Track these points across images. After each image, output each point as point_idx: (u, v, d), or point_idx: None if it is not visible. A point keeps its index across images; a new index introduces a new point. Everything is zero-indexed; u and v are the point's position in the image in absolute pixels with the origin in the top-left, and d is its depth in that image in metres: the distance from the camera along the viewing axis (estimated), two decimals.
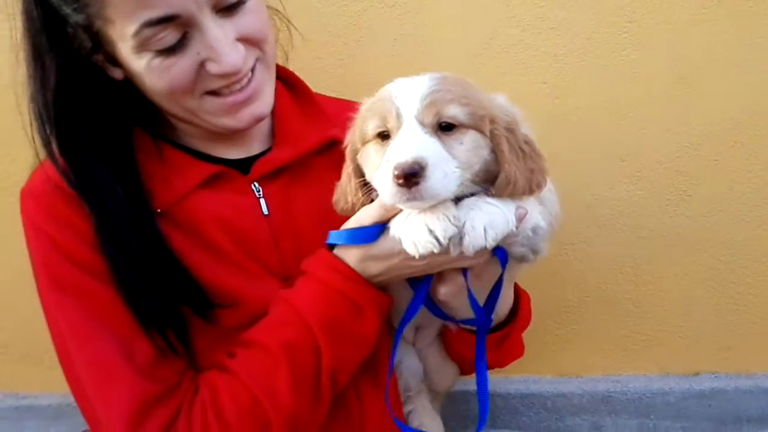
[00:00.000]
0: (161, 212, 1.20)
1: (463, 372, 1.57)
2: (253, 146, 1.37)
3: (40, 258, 1.17)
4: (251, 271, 1.24)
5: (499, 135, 1.09)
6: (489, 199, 1.09)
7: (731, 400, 1.86)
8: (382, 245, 1.13)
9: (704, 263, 1.85)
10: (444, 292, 1.24)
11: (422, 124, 1.04)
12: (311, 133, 1.39)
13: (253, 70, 1.21)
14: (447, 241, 1.02)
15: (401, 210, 1.09)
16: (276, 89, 1.35)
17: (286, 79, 1.46)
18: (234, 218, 1.26)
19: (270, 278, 1.26)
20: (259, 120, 1.26)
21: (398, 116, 1.06)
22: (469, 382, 1.97)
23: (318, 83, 1.74)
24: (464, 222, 1.05)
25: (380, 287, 1.21)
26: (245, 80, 1.20)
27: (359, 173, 1.19)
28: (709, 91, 1.74)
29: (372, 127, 1.11)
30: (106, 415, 1.11)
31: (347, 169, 1.23)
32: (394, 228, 1.09)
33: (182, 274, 1.18)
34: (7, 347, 1.97)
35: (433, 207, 1.05)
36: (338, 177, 1.35)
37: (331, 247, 1.22)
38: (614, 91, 1.76)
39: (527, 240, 1.17)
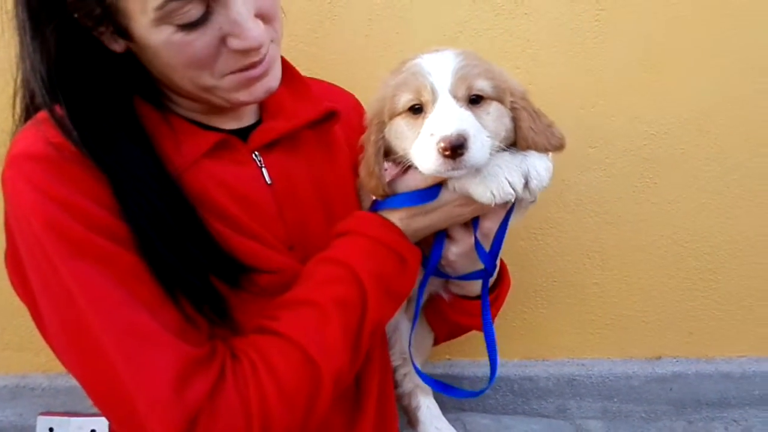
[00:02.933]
0: (177, 173, 1.15)
1: (437, 341, 1.68)
2: (245, 118, 1.36)
3: (47, 225, 1.04)
4: (264, 239, 1.23)
5: (518, 105, 1.20)
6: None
7: (691, 384, 1.90)
8: (441, 198, 1.22)
9: (668, 249, 1.89)
10: (455, 251, 1.31)
11: (456, 97, 1.13)
12: (302, 107, 1.39)
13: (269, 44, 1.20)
14: (522, 191, 1.15)
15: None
16: None
17: None
18: (241, 187, 1.24)
19: (280, 246, 1.26)
20: (270, 93, 1.25)
21: (433, 90, 1.13)
22: (429, 367, 2.00)
23: (292, 61, 1.74)
24: (528, 169, 1.16)
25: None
26: (261, 56, 1.18)
27: (383, 146, 1.24)
28: (677, 80, 1.78)
29: (404, 101, 1.17)
30: (145, 386, 1.02)
31: (371, 143, 1.25)
32: (461, 181, 1.18)
33: (211, 238, 1.14)
34: None
35: (501, 158, 1.17)
36: (328, 151, 1.37)
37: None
38: (585, 78, 1.79)
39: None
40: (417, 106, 1.16)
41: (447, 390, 1.45)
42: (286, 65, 1.46)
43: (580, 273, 1.92)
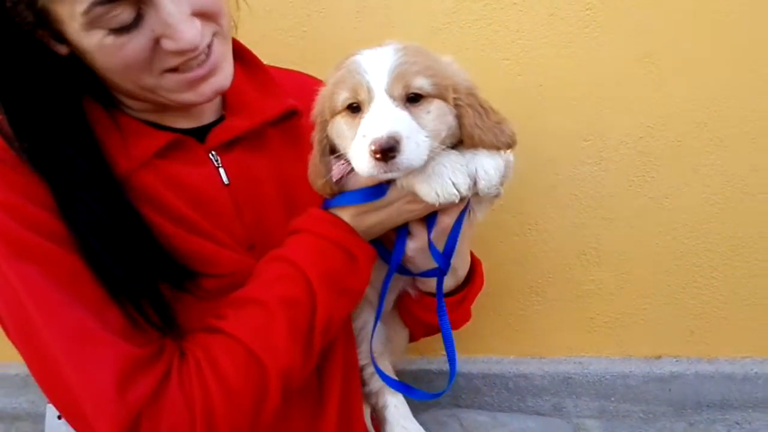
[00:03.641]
0: (124, 175, 1.16)
1: (413, 337, 1.64)
2: (204, 116, 1.36)
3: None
4: (219, 239, 1.23)
5: (462, 102, 1.15)
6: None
7: (691, 385, 1.85)
8: (388, 197, 1.20)
9: (666, 245, 1.83)
10: (412, 247, 1.29)
11: (392, 96, 1.09)
12: (266, 103, 1.38)
13: (210, 44, 1.19)
14: (467, 191, 1.13)
15: None
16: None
17: (235, 50, 1.43)
18: (195, 187, 1.24)
19: (237, 246, 1.26)
20: (220, 93, 1.25)
21: (368, 89, 1.10)
22: (431, 361, 1.99)
23: (280, 55, 1.74)
24: (475, 168, 1.14)
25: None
26: (203, 56, 1.17)
27: (329, 145, 1.22)
28: (673, 71, 1.72)
29: (342, 100, 1.14)
30: (88, 386, 1.03)
31: (316, 141, 1.24)
32: (407, 179, 1.15)
33: (155, 241, 1.14)
34: None
35: (447, 157, 1.14)
36: (294, 148, 1.36)
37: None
38: (577, 69, 1.75)
39: (505, 176, 1.25)
40: (355, 105, 1.13)
41: (407, 391, 1.44)
42: (251, 58, 1.46)
43: (576, 269, 1.88)
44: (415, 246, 1.29)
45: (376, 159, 1.04)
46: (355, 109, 1.13)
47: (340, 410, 1.35)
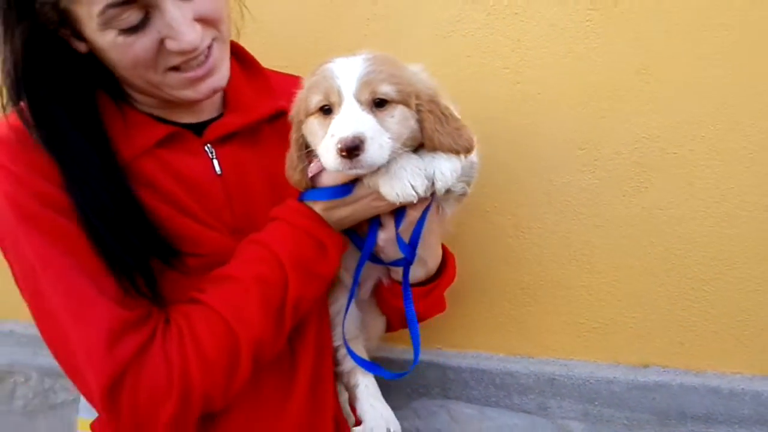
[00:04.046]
0: (122, 166, 1.32)
1: (392, 326, 1.74)
2: (204, 113, 1.51)
3: (7, 197, 1.24)
4: (208, 223, 1.38)
5: (423, 108, 1.26)
6: None
7: (675, 396, 1.85)
8: (356, 194, 1.33)
9: (658, 256, 1.84)
10: (383, 237, 1.43)
11: (359, 101, 1.21)
12: (261, 103, 1.54)
13: (210, 47, 1.34)
14: (424, 192, 1.24)
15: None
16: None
17: (237, 53, 1.60)
18: (190, 175, 1.39)
19: (223, 229, 1.41)
20: (216, 92, 1.40)
21: (339, 93, 1.22)
22: (425, 352, 2.07)
23: (293, 60, 1.87)
24: (433, 171, 1.26)
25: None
26: (202, 57, 1.32)
27: (304, 142, 1.35)
28: (670, 83, 1.74)
29: (315, 102, 1.27)
30: (82, 341, 1.20)
31: (293, 139, 1.38)
32: (372, 179, 1.28)
33: (148, 222, 1.30)
34: None
35: (407, 160, 1.26)
36: (285, 145, 1.49)
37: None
38: (575, 79, 1.79)
39: (465, 176, 1.39)
40: (326, 107, 1.25)
41: (375, 370, 1.55)
42: (251, 61, 1.60)
43: (568, 274, 1.92)
44: (386, 237, 1.42)
45: (342, 156, 1.16)
46: (326, 111, 1.26)
47: (311, 385, 1.48)
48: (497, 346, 2.04)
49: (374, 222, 1.41)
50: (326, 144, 1.21)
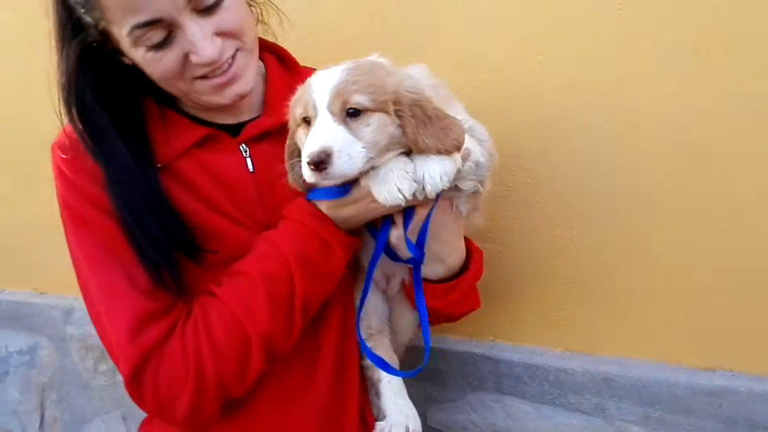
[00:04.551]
0: (162, 167, 1.43)
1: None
2: (244, 114, 1.58)
3: (63, 197, 1.42)
4: (238, 219, 1.45)
5: (403, 114, 1.25)
6: None
7: (744, 402, 1.69)
8: (354, 194, 1.34)
9: (728, 250, 1.67)
10: (395, 235, 1.42)
11: (332, 113, 1.24)
12: None
13: (234, 56, 1.41)
14: (411, 195, 1.24)
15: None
16: (270, 64, 1.60)
17: (280, 56, 1.68)
18: (224, 174, 1.48)
19: (254, 226, 1.47)
20: (241, 97, 1.47)
21: (314, 106, 1.26)
22: (478, 344, 2.03)
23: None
24: (422, 174, 1.24)
25: (350, 231, 1.42)
26: (226, 65, 1.39)
27: (297, 149, 1.40)
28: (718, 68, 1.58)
29: (298, 114, 1.32)
30: (113, 328, 1.35)
31: (287, 146, 1.43)
32: (366, 181, 1.30)
33: (174, 220, 1.39)
34: None
35: (396, 163, 1.27)
36: None
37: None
38: (623, 63, 1.68)
39: (474, 174, 1.37)
40: (307, 119, 1.28)
41: (384, 367, 1.53)
42: (292, 64, 1.67)
43: (626, 267, 1.80)
44: (397, 235, 1.41)
45: (311, 170, 1.20)
46: (308, 122, 1.29)
47: (334, 378, 1.51)
48: (552, 341, 1.96)
49: (387, 220, 1.41)
50: (303, 156, 1.25)
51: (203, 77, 1.39)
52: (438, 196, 1.31)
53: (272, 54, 1.65)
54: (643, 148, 1.70)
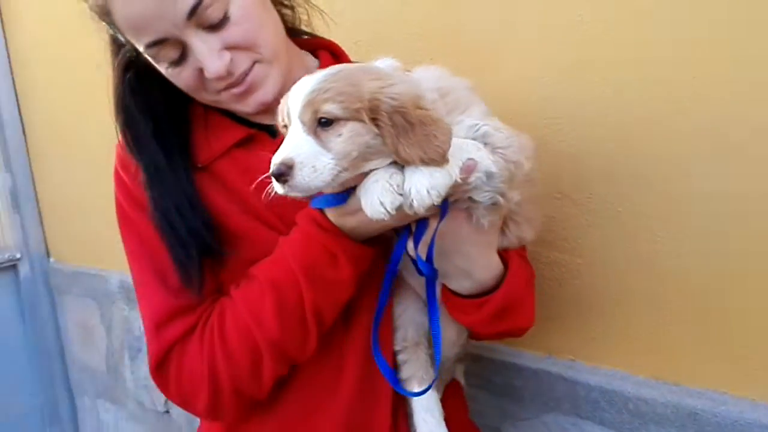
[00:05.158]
0: (202, 167, 1.48)
1: (473, 335, 1.60)
2: None
3: (116, 193, 1.53)
4: (269, 221, 1.46)
5: (382, 122, 1.16)
6: None
7: None
8: (351, 204, 1.28)
9: None
10: (410, 247, 1.35)
11: (303, 122, 1.19)
12: None
13: (252, 68, 1.41)
14: (395, 210, 1.16)
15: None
16: (324, 62, 1.60)
17: (334, 52, 1.67)
18: (260, 174, 1.49)
19: (285, 229, 1.45)
20: (264, 105, 1.46)
21: (289, 115, 1.22)
22: (549, 363, 1.91)
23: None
24: (409, 188, 1.16)
25: (362, 240, 1.36)
26: (240, 77, 1.40)
27: None
28: None
29: (280, 122, 1.28)
30: (144, 320, 1.47)
31: None
32: (359, 190, 1.24)
33: (202, 222, 1.43)
34: None
35: (382, 174, 1.19)
36: None
37: None
38: (719, 66, 1.47)
39: (488, 186, 1.25)
40: (286, 127, 1.24)
41: (393, 382, 1.46)
42: (341, 55, 1.64)
43: (719, 291, 1.59)
44: (411, 247, 1.34)
45: (276, 181, 1.17)
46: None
47: (359, 383, 1.47)
48: (634, 366, 1.78)
49: (405, 231, 1.34)
50: None
51: (225, 88, 1.41)
52: (445, 208, 1.24)
53: (327, 51, 1.64)
54: (752, 163, 1.49)
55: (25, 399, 4.23)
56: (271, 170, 1.16)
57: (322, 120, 1.17)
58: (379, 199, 1.15)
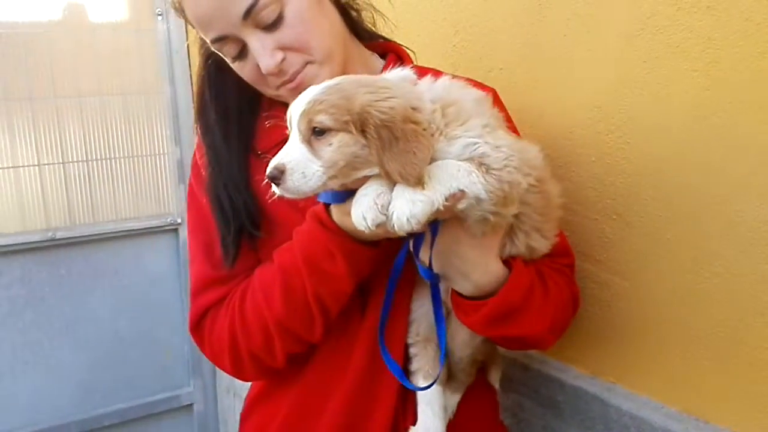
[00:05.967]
0: (260, 154, 1.63)
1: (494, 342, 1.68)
2: None
3: (191, 173, 1.74)
4: (306, 212, 1.55)
5: (369, 135, 1.24)
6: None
7: None
8: (348, 206, 1.35)
9: None
10: (412, 252, 1.43)
11: (300, 131, 1.29)
12: None
13: (301, 68, 1.51)
14: (375, 227, 1.24)
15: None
16: (389, 63, 1.72)
17: (397, 53, 1.78)
18: None
19: None
20: None
21: (291, 124, 1.34)
22: (589, 382, 1.91)
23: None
24: (392, 212, 1.22)
25: (364, 240, 1.43)
26: (293, 76, 1.51)
27: None
28: None
29: (288, 129, 1.38)
30: (190, 284, 1.68)
31: None
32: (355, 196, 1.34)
33: (244, 204, 1.59)
34: None
35: (373, 189, 1.27)
36: None
37: None
38: None
39: (477, 208, 1.30)
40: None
41: (399, 375, 1.53)
42: (405, 57, 1.76)
43: (755, 329, 1.52)
44: (412, 250, 1.42)
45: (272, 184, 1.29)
46: None
47: (365, 372, 1.59)
48: (669, 397, 1.72)
49: (407, 237, 1.38)
50: None
51: (281, 84, 1.53)
52: (436, 227, 1.33)
53: (395, 54, 1.74)
54: None
55: (175, 351, 4.66)
56: (266, 173, 1.28)
57: (316, 129, 1.26)
58: (363, 213, 1.24)
